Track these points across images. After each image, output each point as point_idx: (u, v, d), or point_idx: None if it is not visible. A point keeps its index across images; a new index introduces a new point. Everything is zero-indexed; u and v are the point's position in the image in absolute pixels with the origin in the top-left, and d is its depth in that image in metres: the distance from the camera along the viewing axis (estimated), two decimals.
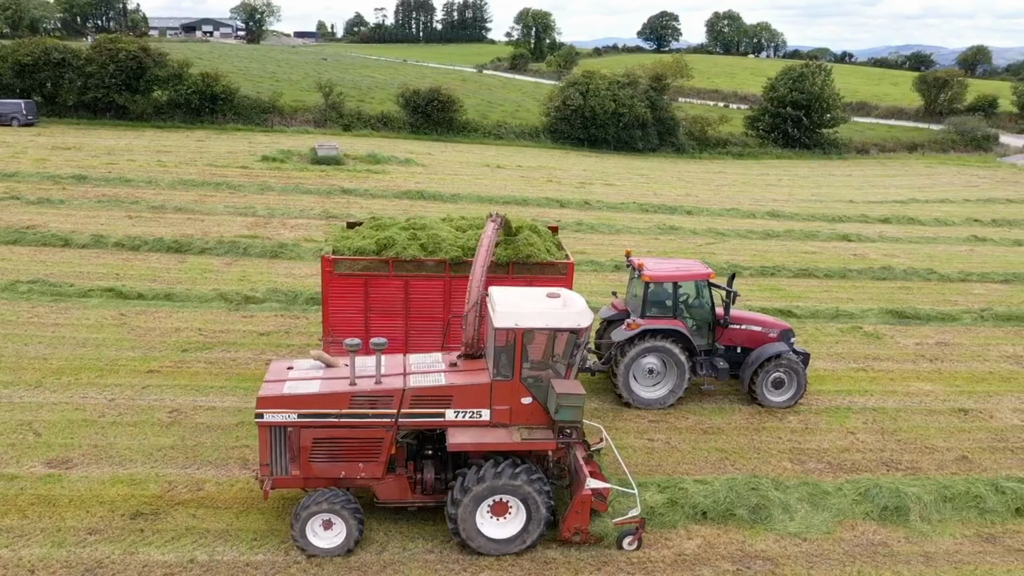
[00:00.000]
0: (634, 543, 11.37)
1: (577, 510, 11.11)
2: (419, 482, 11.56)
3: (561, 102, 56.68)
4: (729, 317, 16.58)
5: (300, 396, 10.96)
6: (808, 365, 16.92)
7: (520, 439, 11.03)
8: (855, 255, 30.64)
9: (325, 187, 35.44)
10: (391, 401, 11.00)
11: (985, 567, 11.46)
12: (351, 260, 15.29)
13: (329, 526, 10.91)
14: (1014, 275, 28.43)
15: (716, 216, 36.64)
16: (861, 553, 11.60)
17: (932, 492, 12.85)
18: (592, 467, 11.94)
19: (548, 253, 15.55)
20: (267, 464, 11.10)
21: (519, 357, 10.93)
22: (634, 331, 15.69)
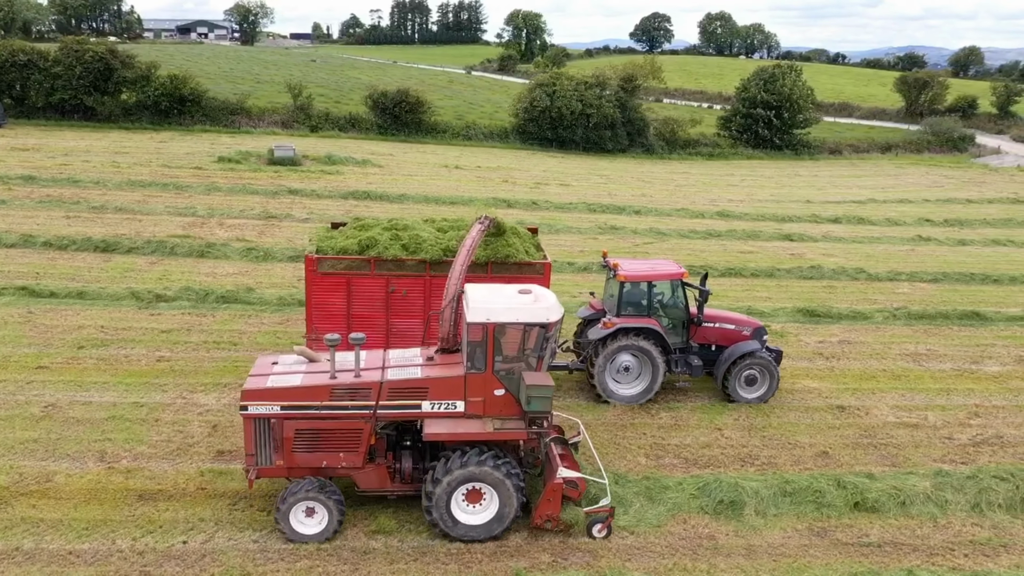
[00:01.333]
0: (603, 531, 11.77)
1: (549, 498, 11.61)
2: (398, 471, 12.05)
3: (529, 103, 56.89)
4: (702, 316, 17.03)
5: (283, 389, 11.49)
6: (781, 362, 17.36)
7: (493, 429, 11.51)
8: (792, 254, 30.79)
9: (273, 188, 35.73)
10: (369, 393, 11.51)
11: (805, 560, 11.64)
12: (334, 259, 15.86)
13: (311, 513, 11.40)
14: (944, 275, 28.58)
15: (664, 216, 36.82)
16: (684, 546, 11.79)
17: (773, 487, 13.03)
18: (567, 458, 12.55)
19: (527, 254, 16.15)
20: (252, 455, 11.59)
21: (491, 350, 11.43)
22: (609, 330, 16.16)
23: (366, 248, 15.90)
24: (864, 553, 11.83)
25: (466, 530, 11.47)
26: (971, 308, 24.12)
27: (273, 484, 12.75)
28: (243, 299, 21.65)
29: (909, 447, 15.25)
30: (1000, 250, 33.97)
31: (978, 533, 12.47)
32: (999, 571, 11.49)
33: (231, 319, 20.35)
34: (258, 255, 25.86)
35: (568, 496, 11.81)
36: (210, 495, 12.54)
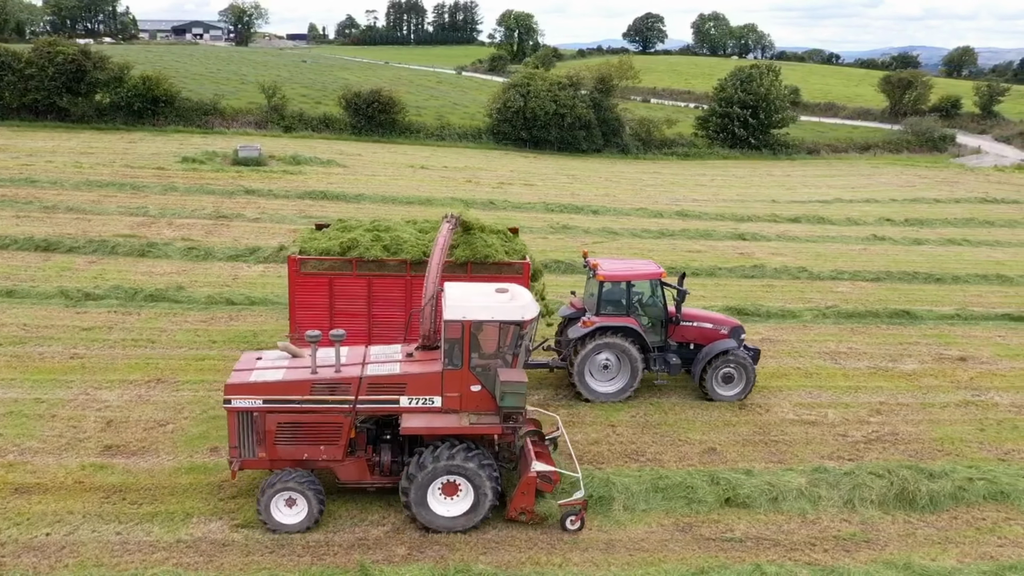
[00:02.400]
0: (576, 523, 12.07)
1: (523, 491, 11.93)
2: (377, 464, 12.34)
3: (503, 104, 57.06)
4: (680, 315, 17.31)
5: (265, 383, 11.84)
6: (759, 361, 17.70)
7: (468, 424, 11.82)
8: (741, 253, 30.91)
9: (231, 188, 35.93)
10: (349, 388, 11.85)
11: (661, 555, 11.76)
12: (317, 260, 16.27)
13: (292, 503, 11.72)
14: (888, 274, 28.67)
15: (622, 216, 36.96)
16: (543, 541, 11.91)
17: (646, 483, 13.16)
18: (543, 453, 12.84)
19: (506, 254, 16.47)
20: (235, 447, 11.96)
21: (467, 347, 11.73)
22: (588, 328, 16.43)
23: (348, 249, 16.31)
24: (723, 548, 11.95)
25: (442, 522, 11.77)
26: (903, 307, 24.22)
27: (152, 479, 12.97)
28: (171, 298, 21.83)
29: (799, 444, 15.37)
30: (953, 249, 34.04)
31: (844, 529, 12.58)
32: (853, 566, 11.58)
33: (155, 317, 20.53)
34: (198, 254, 26.06)
35: (542, 489, 12.13)
36: (86, 489, 12.71)
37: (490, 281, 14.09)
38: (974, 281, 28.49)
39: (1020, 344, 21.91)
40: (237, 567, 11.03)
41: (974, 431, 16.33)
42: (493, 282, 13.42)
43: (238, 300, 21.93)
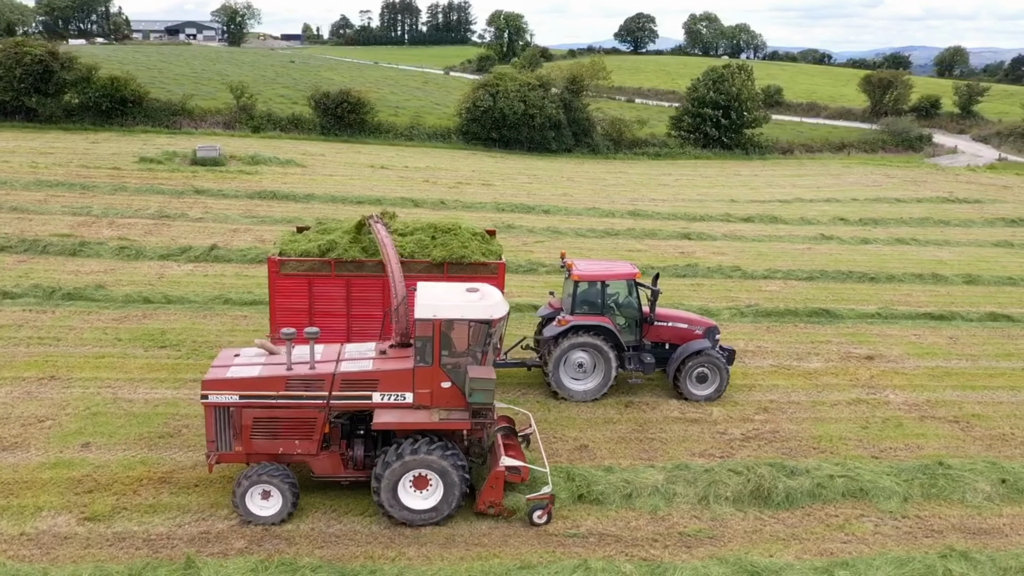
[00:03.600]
0: (543, 516, 12.37)
1: (492, 485, 12.30)
2: (351, 458, 12.69)
3: (472, 104, 57.19)
4: (655, 315, 17.59)
5: (241, 379, 12.19)
6: (734, 361, 18.04)
7: (439, 419, 12.15)
8: (681, 253, 31.02)
9: (181, 188, 36.11)
10: (323, 384, 12.18)
11: (497, 550, 11.83)
12: (296, 261, 16.65)
13: (267, 496, 12.05)
14: (822, 272, 28.77)
15: (572, 215, 37.09)
16: (385, 535, 12.04)
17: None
18: (513, 448, 13.27)
19: (482, 255, 16.91)
20: (213, 441, 12.31)
21: (438, 345, 12.05)
22: (563, 327, 16.75)
23: (327, 251, 16.66)
24: (563, 544, 12.06)
25: (413, 514, 12.09)
26: (824, 306, 24.31)
27: (15, 473, 13.13)
28: (89, 296, 21.99)
29: (674, 442, 15.49)
30: (899, 249, 34.09)
31: (691, 525, 12.69)
32: (683, 562, 11.68)
33: (68, 316, 20.69)
34: (129, 254, 26.23)
35: (511, 483, 12.50)
36: None
37: (466, 281, 14.46)
38: (908, 280, 28.58)
39: (932, 343, 22.01)
40: (70, 559, 11.19)
41: (856, 429, 16.43)
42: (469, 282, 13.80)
43: (155, 299, 22.09)
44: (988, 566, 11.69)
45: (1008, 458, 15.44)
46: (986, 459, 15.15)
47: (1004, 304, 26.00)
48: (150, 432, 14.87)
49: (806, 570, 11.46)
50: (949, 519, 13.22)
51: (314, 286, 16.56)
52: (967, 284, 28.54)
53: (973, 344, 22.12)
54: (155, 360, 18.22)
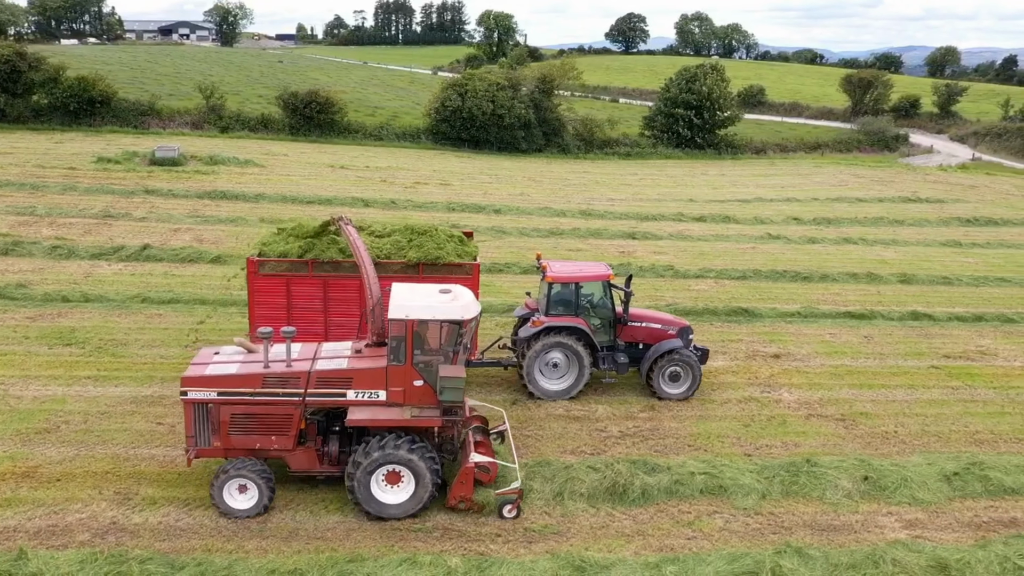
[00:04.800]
0: (513, 511, 12.72)
1: (462, 481, 12.67)
2: (326, 454, 13.03)
3: (441, 104, 57.35)
4: (628, 315, 17.93)
5: (219, 376, 12.58)
6: (707, 360, 18.40)
7: (410, 416, 12.51)
8: (621, 252, 31.14)
9: (132, 188, 36.31)
10: (299, 382, 12.55)
11: (335, 544, 12.00)
12: (275, 262, 17.04)
13: (244, 490, 12.41)
14: (755, 272, 28.87)
15: (522, 215, 37.22)
16: (229, 528, 12.24)
17: None
18: (484, 445, 13.68)
19: (457, 256, 17.35)
20: (191, 436, 12.68)
21: (410, 344, 12.40)
22: (537, 328, 17.07)
23: (305, 252, 17.02)
24: (403, 538, 12.22)
25: (386, 508, 12.44)
26: (745, 305, 24.44)
27: None
28: (8, 295, 22.22)
29: (549, 439, 15.62)
30: (844, 248, 34.16)
31: (540, 521, 12.82)
32: (523, 556, 11.82)
33: None
34: (61, 253, 26.44)
35: (480, 480, 12.82)
36: None
37: (441, 282, 14.75)
38: (842, 280, 28.66)
39: (845, 342, 22.13)
40: None
41: (738, 427, 16.56)
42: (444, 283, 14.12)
43: (74, 298, 22.28)
44: (820, 562, 11.81)
45: (883, 456, 15.56)
46: (859, 457, 15.27)
47: (932, 304, 26.08)
48: (28, 428, 15.06)
49: (637, 566, 11.59)
50: (802, 516, 13.35)
51: (292, 286, 16.97)
52: (901, 283, 28.62)
53: (886, 343, 22.22)
54: (56, 358, 18.42)
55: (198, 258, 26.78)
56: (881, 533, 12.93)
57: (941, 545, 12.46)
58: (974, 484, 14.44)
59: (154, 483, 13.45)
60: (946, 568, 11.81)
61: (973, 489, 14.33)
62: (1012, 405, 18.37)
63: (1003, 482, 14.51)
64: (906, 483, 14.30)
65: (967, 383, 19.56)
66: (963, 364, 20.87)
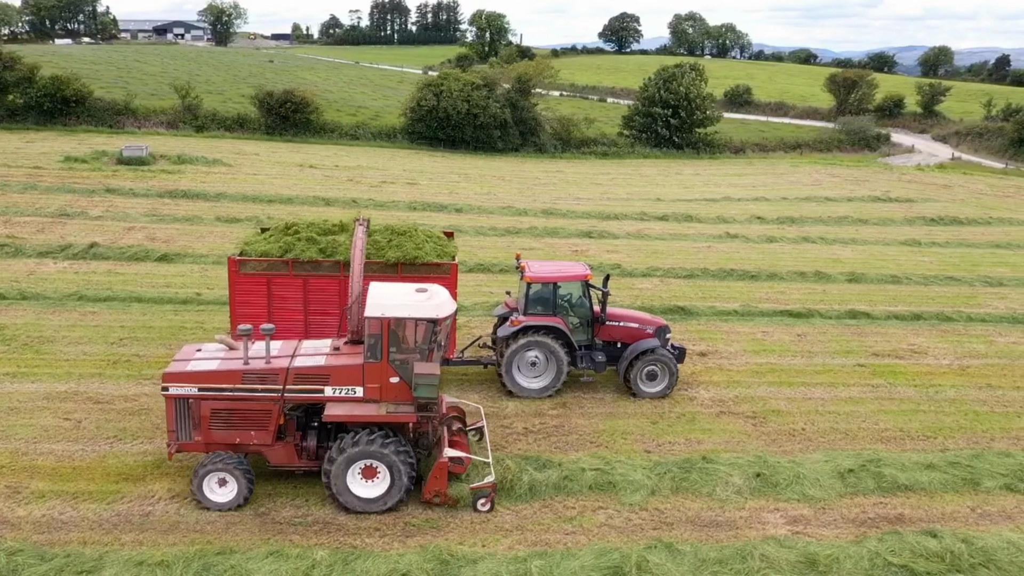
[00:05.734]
0: (487, 504, 13.03)
1: (436, 475, 12.97)
2: (304, 449, 13.34)
3: (416, 104, 57.51)
4: (606, 315, 18.19)
5: (200, 372, 12.87)
6: (684, 359, 18.66)
7: (386, 412, 12.79)
8: (574, 251, 31.24)
9: (94, 187, 36.48)
10: (277, 378, 12.84)
11: (214, 536, 12.09)
12: (256, 261, 17.43)
13: (224, 483, 12.73)
14: (703, 271, 28.95)
15: (483, 214, 37.34)
16: (112, 521, 12.37)
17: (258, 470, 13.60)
18: (459, 441, 14.02)
19: (436, 256, 17.71)
20: (173, 431, 13.01)
21: (386, 342, 12.69)
22: (516, 327, 17.36)
23: (286, 251, 17.43)
24: (281, 531, 12.34)
25: (361, 502, 12.73)
26: (684, 303, 24.54)
27: None
28: None
29: None
30: (801, 247, 34.22)
31: (422, 516, 12.92)
32: (394, 550, 11.93)
33: None
34: (8, 251, 26.61)
35: (453, 472, 13.16)
36: None
37: (420, 281, 15.00)
38: (789, 278, 28.75)
39: (777, 340, 22.22)
40: None
41: (646, 424, 16.66)
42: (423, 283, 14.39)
43: (10, 295, 22.41)
44: (689, 557, 11.89)
45: (785, 453, 15.65)
46: (759, 454, 15.34)
47: (876, 302, 26.16)
48: None
49: (504, 560, 11.68)
50: (687, 512, 13.45)
51: (273, 285, 17.33)
52: (849, 282, 28.67)
53: (818, 341, 22.31)
54: None
55: (145, 256, 26.93)
56: (763, 529, 13.02)
57: (815, 541, 12.55)
58: (867, 481, 14.54)
59: (47, 477, 13.58)
60: (815, 564, 11.91)
61: (865, 486, 14.43)
62: (929, 403, 18.46)
63: (897, 479, 14.60)
64: (798, 480, 14.40)
65: (889, 381, 19.66)
66: (890, 362, 20.97)
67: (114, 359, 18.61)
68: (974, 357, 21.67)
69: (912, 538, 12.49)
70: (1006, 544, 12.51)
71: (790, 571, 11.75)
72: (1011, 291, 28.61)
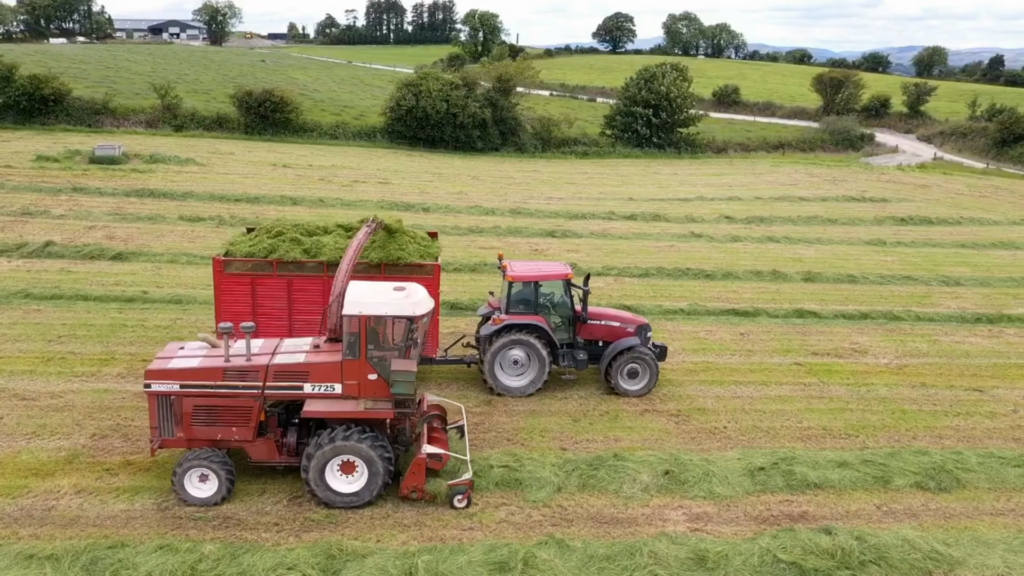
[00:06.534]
0: (463, 501, 13.23)
1: (414, 471, 13.20)
2: (285, 445, 13.57)
3: (395, 103, 57.63)
4: (587, 313, 18.41)
5: (181, 370, 13.11)
6: (665, 357, 18.94)
7: (364, 409, 13.03)
8: (534, 250, 31.35)
9: (62, 186, 36.63)
10: (257, 375, 13.07)
11: (114, 529, 12.19)
12: (241, 261, 17.73)
13: (205, 479, 12.94)
14: (659, 269, 29.05)
15: (450, 213, 37.47)
16: (15, 514, 12.49)
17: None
18: (437, 438, 14.29)
19: (420, 257, 17.93)
20: (155, 427, 13.21)
21: (364, 340, 12.90)
22: (498, 326, 17.61)
23: (270, 252, 17.72)
24: (181, 526, 12.43)
25: (340, 497, 12.95)
26: (631, 302, 24.61)
27: None
28: None
29: None
30: (764, 246, 34.30)
31: (323, 511, 13.02)
32: (286, 544, 12.02)
33: None
34: None
35: (431, 468, 13.41)
36: None
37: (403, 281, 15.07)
38: (745, 278, 28.84)
39: (719, 339, 22.30)
40: None
41: (567, 422, 16.72)
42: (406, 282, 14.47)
43: None
44: (578, 553, 11.97)
45: (703, 451, 15.71)
46: (673, 452, 15.40)
47: (827, 302, 26.23)
48: None
49: (392, 556, 11.75)
50: (589, 509, 13.52)
51: (257, 285, 17.59)
52: (804, 281, 28.78)
53: (760, 340, 22.40)
54: None
55: (99, 255, 27.07)
56: (662, 526, 13.08)
57: (709, 538, 12.63)
58: (777, 479, 14.62)
59: None
60: (703, 561, 11.99)
61: (775, 484, 14.51)
62: (858, 402, 18.53)
63: (807, 477, 14.67)
64: (707, 478, 14.48)
65: (822, 380, 19.73)
66: (828, 361, 21.05)
67: (48, 356, 18.74)
68: (914, 356, 21.74)
69: (805, 535, 12.56)
70: (901, 542, 12.59)
71: (678, 568, 11.84)
72: (966, 291, 28.69)
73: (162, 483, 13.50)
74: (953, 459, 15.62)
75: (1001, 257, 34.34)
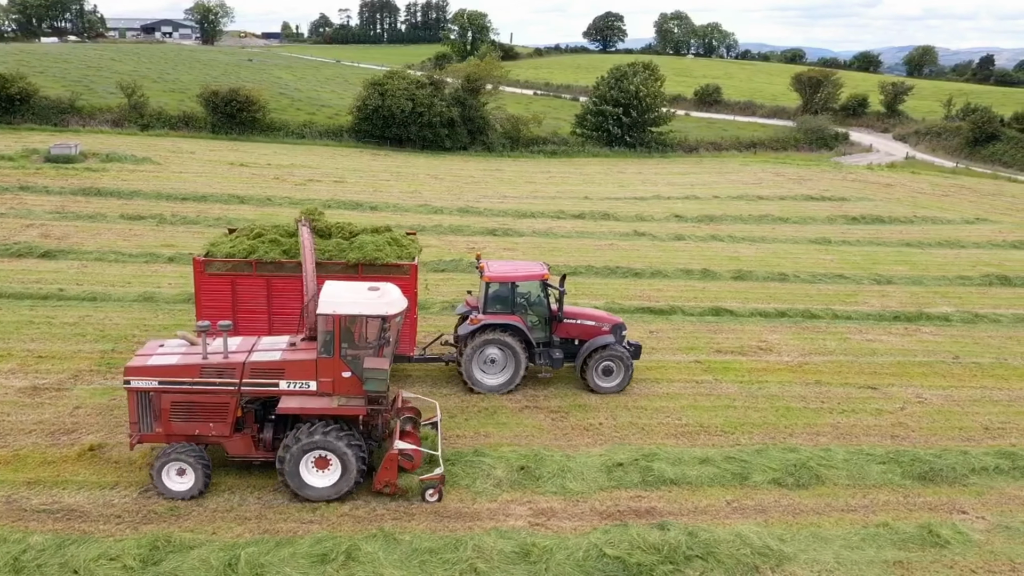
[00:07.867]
0: (435, 495, 13.60)
1: (386, 467, 13.53)
2: (261, 440, 13.93)
3: (362, 103, 57.81)
4: (563, 313, 18.79)
5: (160, 366, 13.49)
6: (640, 356, 19.33)
7: (337, 405, 13.41)
8: (471, 249, 31.40)
9: (9, 185, 36.83)
10: (234, 372, 13.45)
11: (23, 525, 12.49)
12: (221, 262, 18.07)
13: (182, 473, 13.30)
14: (588, 268, 29.16)
15: (399, 211, 37.62)
16: None
17: None
18: (411, 434, 14.67)
19: (396, 257, 18.31)
20: (135, 422, 13.61)
21: (338, 338, 13.26)
22: (475, 326, 17.97)
23: (250, 252, 18.08)
24: (21, 517, 12.60)
25: (314, 491, 13.29)
26: None
27: None
28: None
29: None
30: (705, 245, 34.38)
31: (164, 504, 13.20)
32: (195, 539, 12.17)
33: None
34: None
35: (403, 466, 13.71)
36: None
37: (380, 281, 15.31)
38: (674, 276, 28.94)
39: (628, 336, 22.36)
40: None
41: (443, 418, 16.82)
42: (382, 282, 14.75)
43: None
44: (404, 547, 12.11)
45: (571, 448, 15.83)
46: (536, 448, 15.51)
47: (748, 300, 26.33)
48: None
49: (215, 548, 11.84)
50: (435, 504, 13.62)
51: (237, 285, 17.90)
52: (734, 280, 28.89)
53: (669, 338, 22.51)
54: None
55: (28, 253, 27.27)
56: (503, 521, 13.21)
57: (539, 533, 12.76)
58: (633, 475, 14.75)
59: None
60: (527, 555, 12.11)
61: (630, 480, 14.64)
62: (745, 399, 18.63)
63: (664, 474, 14.80)
64: (563, 473, 14.62)
65: (716, 377, 19.84)
66: (730, 359, 21.15)
67: None
68: (819, 354, 21.84)
69: (636, 531, 12.69)
70: (734, 537, 12.71)
71: (500, 561, 11.97)
72: (896, 289, 28.76)
73: (15, 476, 13.66)
74: (820, 456, 15.75)
75: (943, 256, 34.39)
